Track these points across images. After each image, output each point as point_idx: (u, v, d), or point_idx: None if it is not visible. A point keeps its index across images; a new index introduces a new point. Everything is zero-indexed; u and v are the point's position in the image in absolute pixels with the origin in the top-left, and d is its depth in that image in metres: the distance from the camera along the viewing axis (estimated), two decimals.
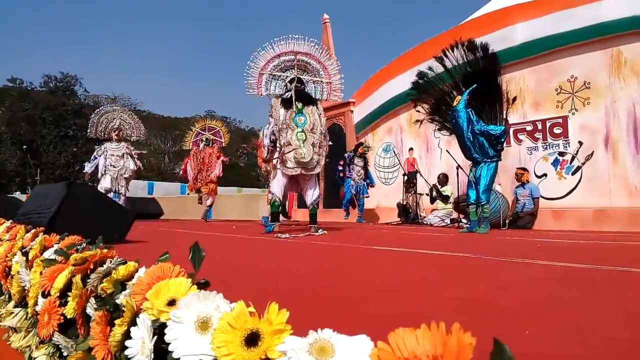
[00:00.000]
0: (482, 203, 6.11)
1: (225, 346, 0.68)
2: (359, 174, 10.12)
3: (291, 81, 6.11)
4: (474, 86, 6.11)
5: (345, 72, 6.53)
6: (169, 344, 0.79)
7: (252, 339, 0.69)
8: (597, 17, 7.47)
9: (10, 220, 3.34)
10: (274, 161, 6.02)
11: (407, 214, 9.45)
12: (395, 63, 11.13)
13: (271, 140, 5.92)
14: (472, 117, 6.02)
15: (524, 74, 8.46)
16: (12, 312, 2.14)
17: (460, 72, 6.41)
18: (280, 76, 6.28)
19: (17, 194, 25.55)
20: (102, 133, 11.22)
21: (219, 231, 6.34)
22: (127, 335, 0.92)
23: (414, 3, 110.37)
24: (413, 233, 6.10)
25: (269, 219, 6.07)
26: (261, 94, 6.27)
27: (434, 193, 8.96)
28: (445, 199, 8.76)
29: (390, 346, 0.49)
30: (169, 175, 44.45)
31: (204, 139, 11.44)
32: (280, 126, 5.84)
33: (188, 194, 11.20)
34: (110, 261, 1.29)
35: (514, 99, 6.38)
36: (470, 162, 6.37)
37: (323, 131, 6.02)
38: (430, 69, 6.77)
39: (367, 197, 10.30)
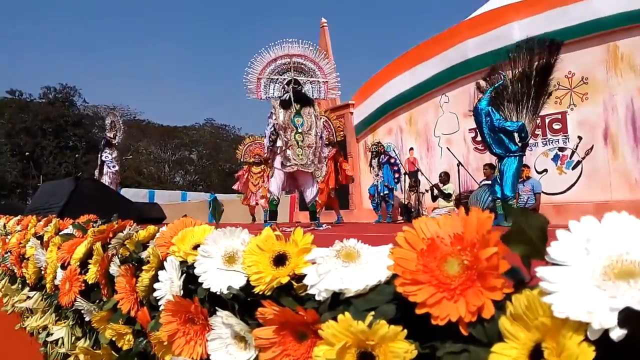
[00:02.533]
0: (508, 199, 6.03)
1: (255, 265, 0.72)
2: (377, 175, 9.50)
3: (288, 83, 6.27)
4: (497, 84, 6.07)
5: (344, 74, 6.62)
6: (196, 282, 0.84)
7: (280, 260, 0.73)
8: (592, 13, 7.53)
9: (19, 216, 3.39)
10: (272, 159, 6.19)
11: (409, 212, 9.48)
12: (394, 64, 11.21)
13: (270, 141, 6.09)
14: (492, 114, 5.96)
15: None
16: (28, 296, 2.19)
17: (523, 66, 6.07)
18: (277, 79, 6.44)
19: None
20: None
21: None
22: (154, 280, 0.97)
23: (412, 4, 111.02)
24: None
25: (267, 217, 6.18)
26: (261, 98, 6.44)
27: (435, 192, 8.98)
28: (447, 196, 8.79)
29: (415, 229, 0.54)
30: (170, 184, 44.45)
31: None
32: (282, 126, 5.99)
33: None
34: (129, 227, 1.34)
35: (550, 94, 6.30)
36: (496, 158, 6.29)
37: (318, 133, 6.15)
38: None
39: (389, 200, 9.45)
